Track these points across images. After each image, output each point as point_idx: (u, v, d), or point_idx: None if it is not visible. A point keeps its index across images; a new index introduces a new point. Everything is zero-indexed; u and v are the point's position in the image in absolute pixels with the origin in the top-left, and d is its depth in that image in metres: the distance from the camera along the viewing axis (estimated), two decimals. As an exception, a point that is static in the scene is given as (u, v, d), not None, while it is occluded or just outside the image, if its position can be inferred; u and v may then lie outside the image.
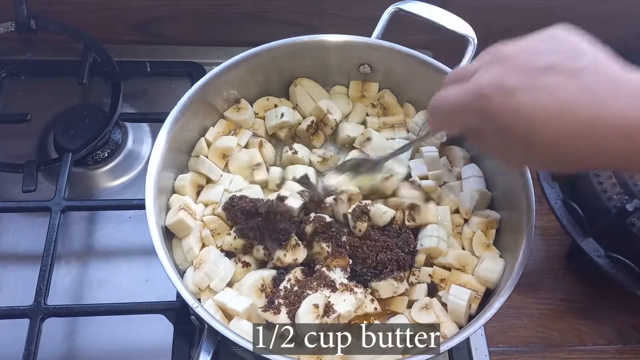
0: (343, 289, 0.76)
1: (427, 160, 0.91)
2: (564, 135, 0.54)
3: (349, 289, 0.77)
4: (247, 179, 0.89)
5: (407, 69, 0.93)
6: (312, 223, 0.81)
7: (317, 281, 0.77)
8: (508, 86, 0.56)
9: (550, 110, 0.54)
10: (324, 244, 0.80)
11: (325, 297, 0.75)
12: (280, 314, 0.74)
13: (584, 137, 0.53)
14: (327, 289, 0.76)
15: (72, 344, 0.87)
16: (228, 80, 0.91)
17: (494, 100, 0.57)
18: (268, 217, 0.80)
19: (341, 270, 0.79)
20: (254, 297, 0.77)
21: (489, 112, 0.57)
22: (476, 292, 0.80)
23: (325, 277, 0.77)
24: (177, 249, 0.83)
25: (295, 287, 0.77)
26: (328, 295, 0.75)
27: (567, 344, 1.00)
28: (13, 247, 0.95)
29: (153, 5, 1.14)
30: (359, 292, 0.77)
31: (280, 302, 0.75)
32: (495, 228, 0.86)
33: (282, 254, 0.79)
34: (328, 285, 0.76)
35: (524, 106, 0.55)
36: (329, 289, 0.76)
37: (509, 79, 0.56)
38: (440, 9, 0.93)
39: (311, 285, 0.76)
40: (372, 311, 0.77)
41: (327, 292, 0.76)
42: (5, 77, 1.10)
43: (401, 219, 0.86)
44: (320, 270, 0.78)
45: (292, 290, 0.76)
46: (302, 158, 0.92)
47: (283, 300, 0.75)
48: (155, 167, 0.80)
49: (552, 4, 1.16)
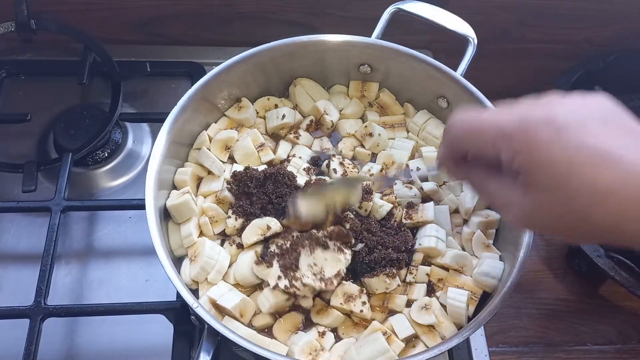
0: (335, 249, 0.79)
1: (427, 160, 0.91)
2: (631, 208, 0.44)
3: (339, 250, 0.79)
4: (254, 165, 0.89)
5: (407, 69, 0.93)
6: (314, 185, 0.84)
7: (309, 240, 0.79)
8: (561, 122, 0.46)
9: (617, 176, 0.44)
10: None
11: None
12: (272, 267, 0.77)
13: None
14: (319, 247, 0.78)
15: (72, 344, 0.87)
16: (228, 80, 0.91)
17: (541, 134, 0.46)
18: (276, 184, 0.83)
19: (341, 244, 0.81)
20: (252, 273, 0.79)
21: (533, 147, 0.46)
22: (473, 294, 0.80)
23: (318, 237, 0.79)
24: (174, 234, 0.83)
25: (288, 243, 0.79)
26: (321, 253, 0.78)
27: (566, 344, 1.00)
28: (13, 247, 0.95)
29: (153, 5, 1.14)
30: (347, 253, 0.79)
31: (273, 256, 0.78)
32: (495, 228, 0.87)
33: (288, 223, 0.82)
34: (320, 244, 0.78)
35: (583, 157, 0.44)
36: (321, 248, 0.78)
37: (562, 116, 0.46)
38: (440, 9, 0.93)
39: (303, 243, 0.79)
40: (358, 312, 0.77)
41: (319, 250, 0.78)
42: (5, 77, 1.10)
43: (400, 216, 0.86)
44: (313, 232, 0.81)
45: (283, 247, 0.79)
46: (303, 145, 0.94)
47: (276, 256, 0.78)
48: (155, 167, 0.80)
49: (552, 4, 1.16)
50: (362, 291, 0.79)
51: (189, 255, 0.81)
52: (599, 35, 1.24)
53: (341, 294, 0.78)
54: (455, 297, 0.78)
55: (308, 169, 0.89)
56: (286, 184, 0.83)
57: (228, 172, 0.87)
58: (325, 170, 0.90)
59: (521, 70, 1.29)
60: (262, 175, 0.84)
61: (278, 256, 0.78)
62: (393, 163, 0.90)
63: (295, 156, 0.91)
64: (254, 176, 0.83)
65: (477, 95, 0.86)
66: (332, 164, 0.89)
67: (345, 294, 0.78)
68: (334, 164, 0.89)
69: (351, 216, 0.83)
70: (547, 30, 1.22)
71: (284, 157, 0.91)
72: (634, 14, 1.19)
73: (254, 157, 0.89)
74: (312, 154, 0.92)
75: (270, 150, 0.90)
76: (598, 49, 1.24)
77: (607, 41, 1.24)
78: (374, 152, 0.94)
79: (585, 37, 1.24)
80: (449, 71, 0.89)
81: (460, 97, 0.89)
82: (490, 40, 1.05)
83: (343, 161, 0.90)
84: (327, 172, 0.90)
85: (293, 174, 0.84)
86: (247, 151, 0.89)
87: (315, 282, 0.76)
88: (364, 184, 0.85)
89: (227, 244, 0.83)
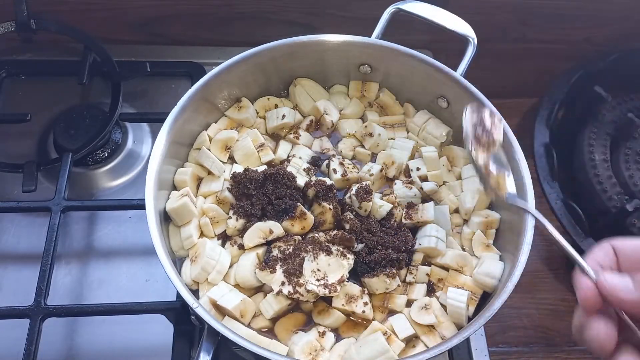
0: (338, 254, 0.79)
1: (427, 160, 0.91)
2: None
3: (342, 255, 0.79)
4: (253, 166, 0.89)
5: (407, 69, 0.93)
6: (314, 187, 0.84)
7: (312, 245, 0.79)
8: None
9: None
10: (325, 204, 0.83)
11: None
12: (275, 272, 0.76)
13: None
14: (322, 253, 0.78)
15: (72, 344, 0.87)
16: (228, 80, 0.91)
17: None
18: (276, 184, 0.83)
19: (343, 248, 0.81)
20: (254, 276, 0.79)
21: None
22: (473, 294, 0.80)
23: (320, 242, 0.80)
24: (174, 236, 0.83)
25: (291, 248, 0.79)
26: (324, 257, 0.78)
27: (567, 344, 1.00)
28: (13, 247, 0.95)
29: (153, 5, 1.14)
30: (350, 258, 0.79)
31: (276, 261, 0.78)
32: (495, 228, 0.86)
33: (289, 224, 0.82)
34: (323, 249, 0.78)
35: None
36: (324, 253, 0.78)
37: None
38: (440, 9, 0.93)
39: (306, 248, 0.78)
40: (360, 313, 0.77)
41: (322, 255, 0.78)
42: (5, 77, 1.10)
43: (400, 216, 0.86)
44: (315, 236, 0.81)
45: (286, 251, 0.79)
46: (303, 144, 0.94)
47: (279, 260, 0.78)
48: (155, 167, 0.80)
49: (552, 4, 1.16)
50: (364, 292, 0.79)
51: (189, 256, 0.81)
52: (599, 35, 1.24)
53: (343, 295, 0.78)
54: (455, 297, 0.78)
55: (308, 169, 0.89)
56: (286, 185, 0.83)
57: (228, 172, 0.87)
58: (325, 171, 0.90)
59: (521, 70, 1.29)
60: (262, 176, 0.84)
61: (281, 261, 0.78)
62: (393, 163, 0.90)
63: (295, 156, 0.91)
64: (253, 177, 0.83)
65: (477, 95, 0.86)
66: (332, 164, 0.89)
67: (347, 295, 0.78)
68: (334, 164, 0.89)
69: (351, 216, 0.83)
70: (547, 30, 1.22)
71: (284, 157, 0.91)
72: (634, 14, 1.19)
73: (254, 157, 0.89)
74: (312, 154, 0.92)
75: (270, 151, 0.90)
76: (598, 49, 1.24)
77: (607, 41, 1.24)
78: (374, 152, 0.94)
79: (585, 37, 1.24)
80: (449, 71, 0.89)
81: (460, 97, 0.89)
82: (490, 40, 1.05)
83: (343, 161, 0.90)
84: (327, 172, 0.90)
85: (293, 175, 0.84)
86: (247, 151, 0.89)
87: (319, 289, 0.75)
88: (364, 183, 0.85)
89: (228, 245, 0.83)
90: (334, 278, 0.77)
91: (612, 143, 1.10)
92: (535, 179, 0.83)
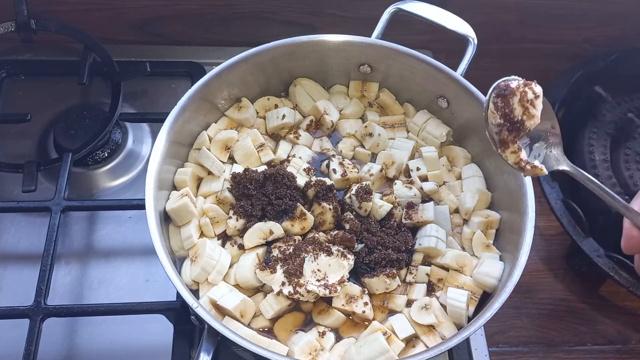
0: (338, 254, 0.79)
1: (427, 160, 0.91)
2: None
3: (342, 255, 0.79)
4: (253, 166, 0.89)
5: (407, 69, 0.93)
6: (314, 187, 0.84)
7: (312, 245, 0.79)
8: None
9: None
10: (324, 204, 0.83)
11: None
12: (276, 273, 0.77)
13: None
14: (323, 253, 0.78)
15: (72, 344, 0.87)
16: (228, 80, 0.91)
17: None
18: (276, 184, 0.83)
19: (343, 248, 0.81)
20: (254, 276, 0.79)
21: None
22: (473, 294, 0.80)
23: (321, 242, 0.80)
24: (174, 236, 0.83)
25: (291, 248, 0.79)
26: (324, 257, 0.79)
27: (566, 344, 1.00)
28: (13, 247, 0.95)
29: (153, 5, 1.14)
30: (350, 258, 0.79)
31: (276, 261, 0.78)
32: (495, 228, 0.87)
33: (289, 225, 0.82)
34: (323, 249, 0.79)
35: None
36: (325, 253, 0.78)
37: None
38: (440, 9, 0.93)
39: (306, 248, 0.79)
40: (360, 313, 0.77)
41: (323, 255, 0.78)
42: (5, 77, 1.10)
43: (400, 216, 0.86)
44: (316, 236, 0.81)
45: (286, 252, 0.79)
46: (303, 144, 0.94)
47: (279, 261, 0.78)
48: (155, 167, 0.80)
49: (552, 4, 1.16)
50: (364, 292, 0.79)
51: (189, 256, 0.81)
52: (599, 35, 1.24)
53: (343, 295, 0.78)
54: (455, 297, 0.78)
55: (308, 169, 0.89)
56: (286, 185, 0.83)
57: (228, 173, 0.87)
58: (325, 171, 0.90)
59: (521, 70, 1.28)
60: (262, 176, 0.84)
61: (281, 261, 0.78)
62: (393, 163, 0.90)
63: (295, 156, 0.91)
64: (253, 177, 0.84)
65: (477, 95, 0.86)
66: (332, 164, 0.89)
67: (347, 295, 0.78)
68: (334, 164, 0.89)
69: (351, 216, 0.83)
70: (547, 30, 1.22)
71: (284, 157, 0.91)
72: (634, 14, 1.19)
73: (254, 157, 0.89)
74: (312, 154, 0.92)
75: (270, 151, 0.90)
76: (598, 49, 1.24)
77: (607, 41, 1.24)
78: (374, 152, 0.94)
79: (585, 37, 1.24)
80: (449, 71, 0.89)
81: (460, 97, 0.89)
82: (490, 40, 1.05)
83: (343, 161, 0.90)
84: (327, 172, 0.90)
85: (293, 175, 0.84)
86: (247, 151, 0.89)
87: (320, 289, 0.75)
88: (364, 183, 0.86)
89: (228, 245, 0.83)
90: (335, 278, 0.77)
91: (612, 143, 1.10)
92: (535, 179, 0.83)
